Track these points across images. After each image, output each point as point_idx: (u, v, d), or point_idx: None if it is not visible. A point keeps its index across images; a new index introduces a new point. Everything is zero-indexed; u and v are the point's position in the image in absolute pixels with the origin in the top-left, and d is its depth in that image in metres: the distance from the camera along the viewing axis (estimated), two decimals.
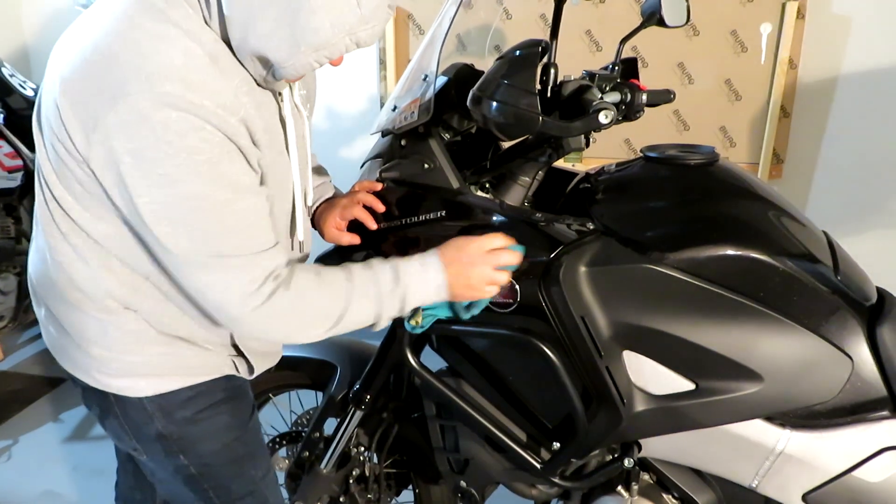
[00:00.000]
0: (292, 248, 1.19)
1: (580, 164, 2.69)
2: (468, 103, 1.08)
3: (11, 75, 2.51)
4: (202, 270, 0.98)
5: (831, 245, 1.25)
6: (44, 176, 1.04)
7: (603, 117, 1.02)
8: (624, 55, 1.36)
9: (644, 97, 1.29)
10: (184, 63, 0.92)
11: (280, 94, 1.08)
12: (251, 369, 1.26)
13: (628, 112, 1.30)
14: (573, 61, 2.14)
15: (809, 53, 2.50)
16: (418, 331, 1.29)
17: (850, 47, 2.48)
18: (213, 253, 0.97)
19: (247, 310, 1.01)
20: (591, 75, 1.30)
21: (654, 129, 2.67)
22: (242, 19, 0.92)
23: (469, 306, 1.20)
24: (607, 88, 1.29)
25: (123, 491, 1.58)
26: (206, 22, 0.96)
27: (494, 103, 1.03)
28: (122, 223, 1.01)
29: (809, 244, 1.21)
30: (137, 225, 0.97)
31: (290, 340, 1.13)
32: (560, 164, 1.43)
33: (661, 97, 1.35)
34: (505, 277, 1.15)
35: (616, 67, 1.36)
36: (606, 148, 2.75)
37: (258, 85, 1.02)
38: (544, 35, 1.27)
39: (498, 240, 1.15)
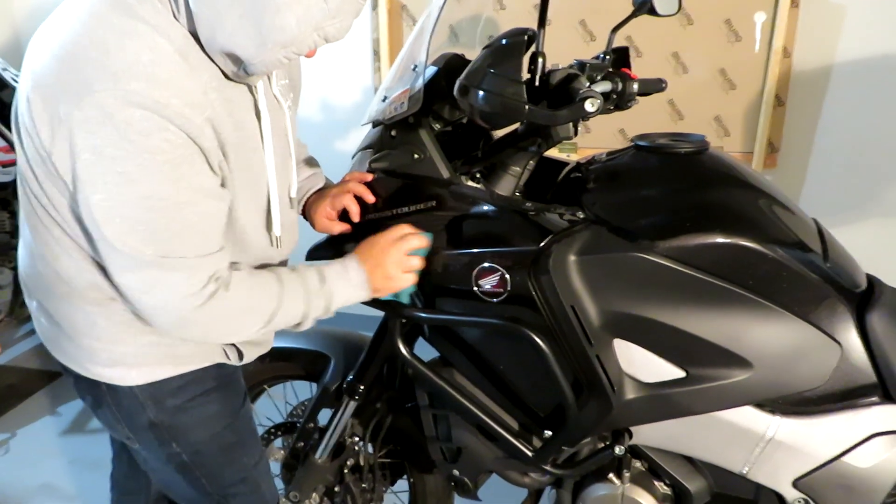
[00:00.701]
0: (272, 244, 1.19)
1: (575, 154, 2.69)
2: (455, 93, 1.08)
3: (4, 69, 2.51)
4: (148, 270, 0.98)
5: (821, 232, 1.26)
6: (22, 172, 1.04)
7: (589, 105, 1.02)
8: (616, 45, 1.36)
9: (636, 86, 1.30)
10: (151, 59, 0.91)
11: (255, 87, 1.08)
12: (241, 356, 1.26)
13: (620, 101, 1.31)
14: (567, 51, 2.14)
15: (804, 42, 2.49)
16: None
17: (845, 36, 2.47)
18: (162, 253, 0.97)
19: (188, 309, 1.02)
20: (581, 65, 1.29)
21: (648, 119, 2.66)
22: (209, 17, 0.92)
23: (397, 296, 1.28)
24: (598, 78, 1.28)
25: (119, 480, 1.59)
26: (174, 17, 0.96)
27: (481, 92, 1.03)
28: None
29: (799, 232, 1.22)
30: (87, 222, 0.96)
31: (225, 339, 1.16)
32: (553, 153, 1.43)
33: (653, 86, 1.35)
34: (417, 262, 1.23)
35: (607, 57, 1.36)
36: (601, 138, 2.75)
37: (230, 79, 1.02)
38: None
39: (404, 228, 1.23)
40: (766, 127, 2.58)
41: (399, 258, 1.21)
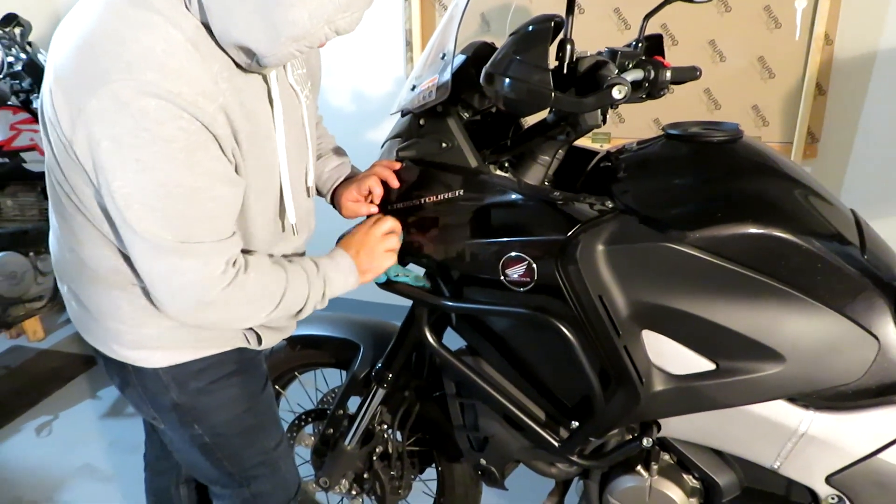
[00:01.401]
0: (283, 231, 1.21)
1: (608, 144, 2.66)
2: (481, 80, 1.07)
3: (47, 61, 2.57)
4: (168, 255, 1.00)
5: (859, 224, 1.22)
6: (49, 162, 1.08)
7: (616, 92, 1.01)
8: (651, 32, 1.34)
9: (668, 74, 1.28)
10: (164, 49, 0.93)
11: (268, 76, 1.09)
12: (259, 341, 1.29)
13: (652, 90, 1.29)
14: (601, 40, 2.11)
15: (846, 28, 2.42)
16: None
17: (890, 21, 2.39)
18: (181, 238, 0.99)
19: (209, 294, 1.04)
20: (613, 52, 1.28)
21: (684, 108, 2.62)
22: (220, 11, 0.94)
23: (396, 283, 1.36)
24: (630, 66, 1.27)
25: (151, 460, 1.64)
26: (186, 8, 0.97)
27: (507, 80, 1.02)
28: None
29: (835, 223, 1.19)
30: (111, 208, 0.99)
31: (239, 324, 1.19)
32: (586, 143, 1.42)
33: (687, 74, 1.33)
34: (394, 241, 1.31)
35: (640, 44, 1.34)
36: (635, 127, 2.71)
37: (242, 70, 1.03)
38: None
39: (374, 216, 1.33)
40: (807, 116, 2.51)
41: (377, 239, 1.27)
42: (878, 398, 1.15)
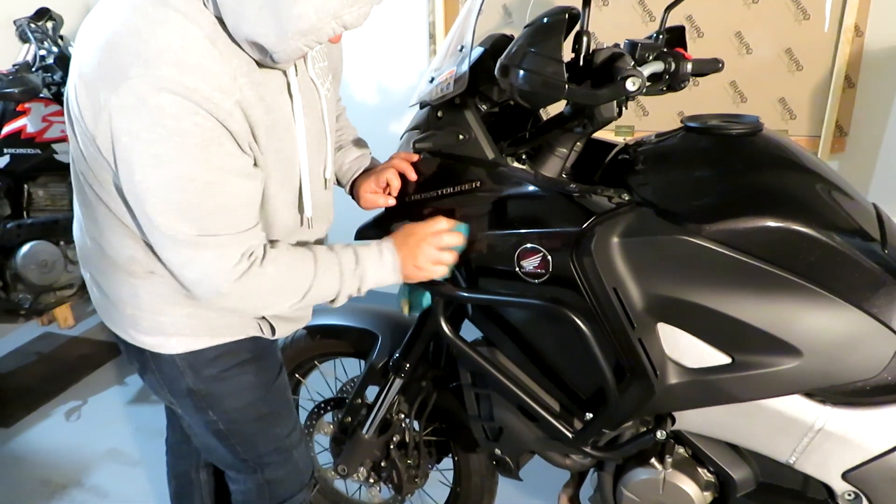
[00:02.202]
0: (301, 225, 1.23)
1: (631, 137, 2.64)
2: (496, 72, 1.08)
3: None
4: (186, 247, 1.03)
5: (880, 218, 1.21)
6: (72, 153, 1.12)
7: (630, 84, 1.00)
8: (676, 24, 1.33)
9: (689, 66, 1.27)
10: (181, 46, 0.95)
11: (287, 71, 1.10)
12: (274, 331, 1.31)
13: (673, 82, 1.28)
14: (625, 32, 2.10)
15: (877, 20, 2.37)
16: (411, 313, 1.47)
17: None
18: (198, 231, 1.02)
19: (223, 286, 1.06)
20: (633, 44, 1.27)
21: (709, 101, 2.59)
22: (233, 7, 0.96)
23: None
24: (650, 58, 1.26)
25: (172, 444, 1.68)
26: (203, 5, 0.99)
27: (521, 72, 1.03)
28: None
29: (856, 217, 1.17)
30: (131, 201, 1.02)
31: (260, 312, 1.22)
32: (607, 136, 1.41)
33: (709, 66, 1.31)
34: (450, 257, 1.25)
35: (661, 36, 1.33)
36: (660, 121, 2.69)
37: (261, 66, 1.05)
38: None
39: (441, 223, 1.25)
40: (835, 110, 2.47)
41: (431, 253, 1.23)
42: None
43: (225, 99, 0.98)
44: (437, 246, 1.23)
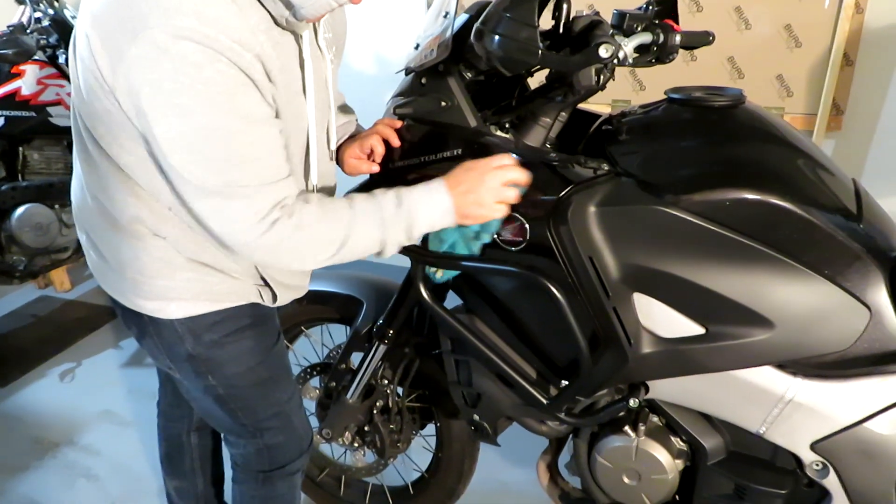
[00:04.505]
0: (306, 190, 1.22)
1: None
2: (472, 37, 1.08)
3: (73, 17, 2.61)
4: (213, 198, 1.03)
5: (858, 193, 1.21)
6: (76, 107, 1.10)
7: (603, 51, 1.00)
8: None
9: (678, 39, 1.26)
10: None
11: (301, 35, 1.10)
12: (275, 298, 1.31)
13: (661, 54, 1.27)
14: (623, 2, 2.07)
15: None
16: (440, 280, 1.37)
17: None
18: (225, 181, 1.01)
19: (252, 237, 1.05)
20: (622, 15, 1.26)
21: (706, 76, 2.58)
22: None
23: (478, 235, 1.22)
24: (638, 29, 1.25)
25: (164, 408, 1.69)
26: None
27: (496, 37, 1.03)
28: (145, 153, 1.06)
29: (834, 191, 1.18)
30: (156, 153, 1.02)
31: (295, 267, 1.16)
32: (589, 108, 1.41)
33: (699, 39, 1.30)
34: (513, 194, 1.16)
35: (651, 7, 1.32)
36: (656, 96, 2.64)
37: (278, 25, 1.05)
38: None
39: (506, 158, 1.16)
40: (832, 87, 2.45)
41: (495, 186, 1.14)
42: (867, 367, 1.15)
43: (245, 51, 0.97)
44: (502, 181, 1.15)
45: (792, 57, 2.50)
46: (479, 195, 1.14)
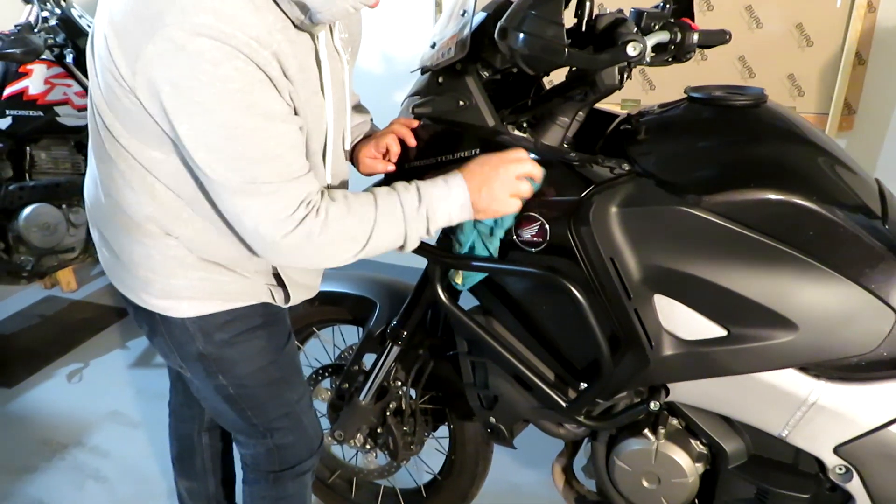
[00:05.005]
0: None
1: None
2: (496, 35, 1.06)
3: (80, 16, 2.60)
4: (238, 196, 1.02)
5: (882, 193, 1.20)
6: (95, 104, 1.09)
7: (631, 49, 0.99)
8: None
9: (696, 37, 1.24)
10: None
11: (317, 36, 1.09)
12: (287, 298, 1.30)
13: (678, 53, 1.26)
14: (624, 4, 2.06)
15: None
16: (462, 287, 1.36)
17: None
18: (248, 179, 1.00)
19: (279, 235, 1.04)
20: (639, 13, 1.25)
21: (717, 76, 2.56)
22: None
23: (492, 231, 1.23)
24: (656, 27, 1.24)
25: (175, 408, 1.68)
26: None
27: (521, 35, 1.01)
28: (169, 149, 1.05)
29: (858, 191, 1.16)
30: (183, 150, 1.02)
31: (321, 265, 1.15)
32: (605, 108, 1.40)
33: (716, 38, 1.29)
34: (527, 188, 1.16)
35: (667, 5, 1.31)
36: (666, 96, 2.62)
37: (294, 26, 1.04)
38: None
39: (520, 152, 1.16)
40: (844, 87, 2.44)
41: (509, 179, 1.14)
42: (892, 370, 1.14)
43: (262, 48, 0.97)
44: (515, 174, 1.14)
45: (803, 56, 2.49)
46: (493, 189, 1.14)
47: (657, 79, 2.66)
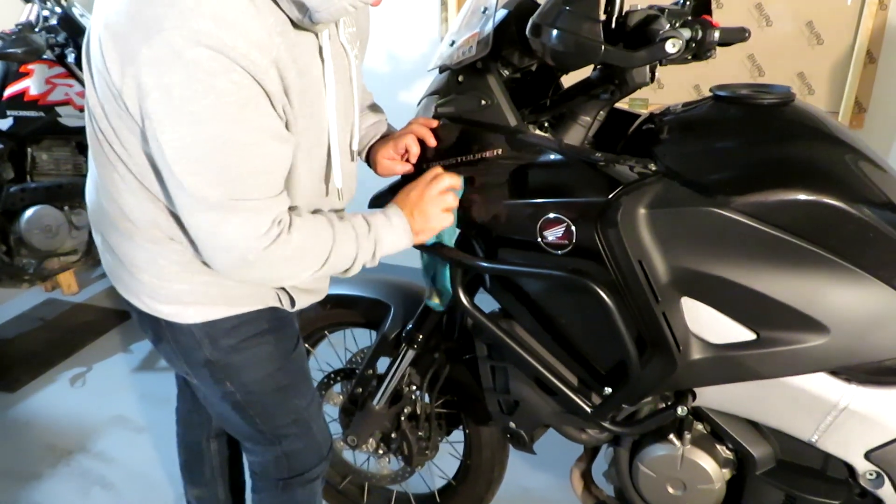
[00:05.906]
0: (327, 195, 1.19)
1: (645, 110, 2.60)
2: (527, 32, 1.04)
3: (82, 15, 2.57)
4: (215, 212, 0.99)
5: None
6: (91, 109, 1.06)
7: (670, 46, 0.96)
8: None
9: (716, 34, 1.22)
10: (218, 0, 0.91)
11: (320, 34, 1.06)
12: (293, 303, 1.28)
13: (699, 50, 1.23)
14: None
15: None
16: (441, 308, 1.44)
17: None
18: (231, 195, 0.98)
19: (252, 253, 1.02)
20: (660, 10, 1.23)
21: (726, 74, 2.55)
22: None
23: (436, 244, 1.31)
24: (677, 24, 1.22)
25: (183, 414, 1.65)
26: None
27: (555, 31, 0.98)
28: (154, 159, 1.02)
29: (889, 191, 1.14)
30: (158, 161, 0.98)
31: (281, 282, 1.18)
32: (623, 107, 1.37)
33: (735, 35, 1.27)
34: (452, 199, 1.23)
35: (687, 3, 1.29)
36: (675, 94, 2.64)
37: (295, 26, 1.01)
38: None
39: (436, 169, 1.25)
40: (855, 85, 2.43)
41: (434, 197, 1.21)
42: None
43: (262, 57, 0.94)
44: (438, 190, 1.21)
45: (813, 54, 2.47)
46: (424, 210, 1.21)
47: (666, 78, 2.64)
